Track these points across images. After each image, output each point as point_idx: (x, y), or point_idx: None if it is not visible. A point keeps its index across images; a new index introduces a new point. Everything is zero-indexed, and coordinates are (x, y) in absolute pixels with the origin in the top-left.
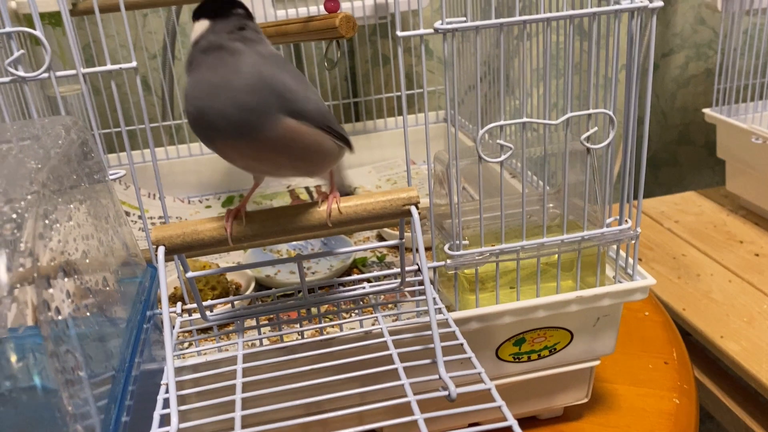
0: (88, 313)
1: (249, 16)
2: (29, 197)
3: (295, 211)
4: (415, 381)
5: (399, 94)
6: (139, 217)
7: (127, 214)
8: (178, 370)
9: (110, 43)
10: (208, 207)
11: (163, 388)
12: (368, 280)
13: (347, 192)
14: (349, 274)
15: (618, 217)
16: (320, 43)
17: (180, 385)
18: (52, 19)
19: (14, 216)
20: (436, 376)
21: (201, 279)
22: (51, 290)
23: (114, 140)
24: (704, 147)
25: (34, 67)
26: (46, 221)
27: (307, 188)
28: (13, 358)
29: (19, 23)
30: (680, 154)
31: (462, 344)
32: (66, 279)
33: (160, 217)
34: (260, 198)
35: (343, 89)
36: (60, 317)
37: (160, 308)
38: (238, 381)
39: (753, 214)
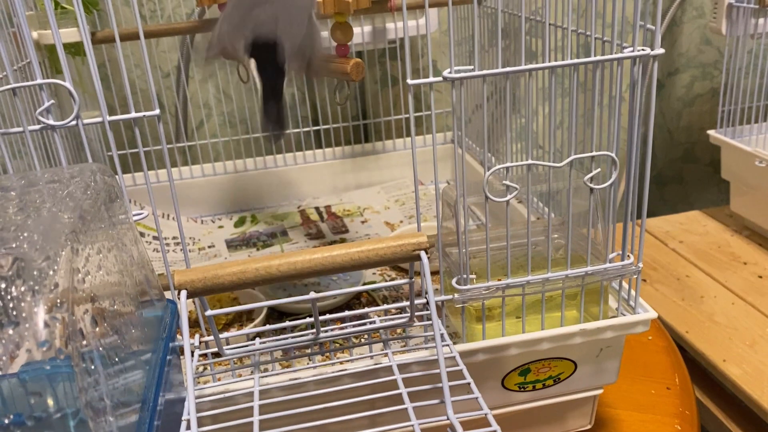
0: (115, 355)
1: None
2: (63, 253)
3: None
4: (424, 422)
5: (407, 116)
6: (155, 238)
7: (142, 234)
8: (197, 405)
9: (125, 62)
10: (221, 227)
11: (183, 424)
12: (378, 314)
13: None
14: (359, 298)
15: (621, 252)
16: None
17: (198, 421)
18: (71, 48)
19: (51, 273)
20: (445, 417)
21: (216, 304)
22: (84, 342)
23: (129, 159)
24: (710, 165)
25: (53, 89)
26: (79, 276)
27: (317, 208)
28: (51, 401)
29: (41, 52)
30: (685, 172)
31: (469, 384)
32: (96, 327)
33: (174, 238)
34: (271, 218)
35: (353, 109)
36: (92, 365)
37: (180, 337)
38: (255, 419)
39: (757, 234)
